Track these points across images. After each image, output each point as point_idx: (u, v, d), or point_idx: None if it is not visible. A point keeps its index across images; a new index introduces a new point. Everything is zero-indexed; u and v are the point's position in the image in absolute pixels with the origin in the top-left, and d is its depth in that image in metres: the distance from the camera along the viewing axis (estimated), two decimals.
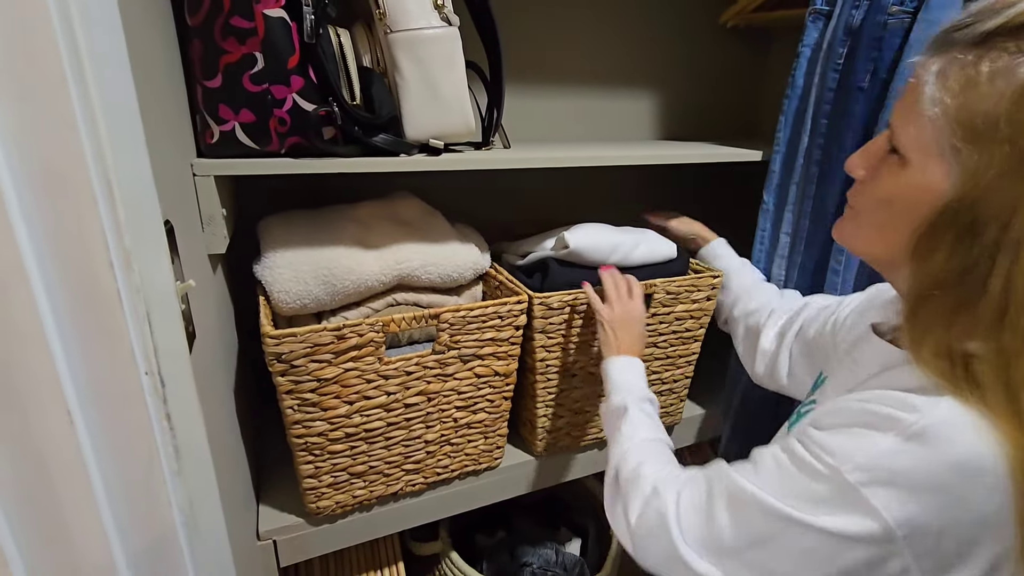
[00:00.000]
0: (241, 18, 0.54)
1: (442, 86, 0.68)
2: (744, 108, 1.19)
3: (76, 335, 0.30)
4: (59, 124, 0.27)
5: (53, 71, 0.27)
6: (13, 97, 0.26)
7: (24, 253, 0.28)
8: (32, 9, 0.26)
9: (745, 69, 1.16)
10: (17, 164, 0.27)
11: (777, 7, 1.02)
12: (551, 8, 0.95)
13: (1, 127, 0.26)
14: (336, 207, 0.80)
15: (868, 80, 0.66)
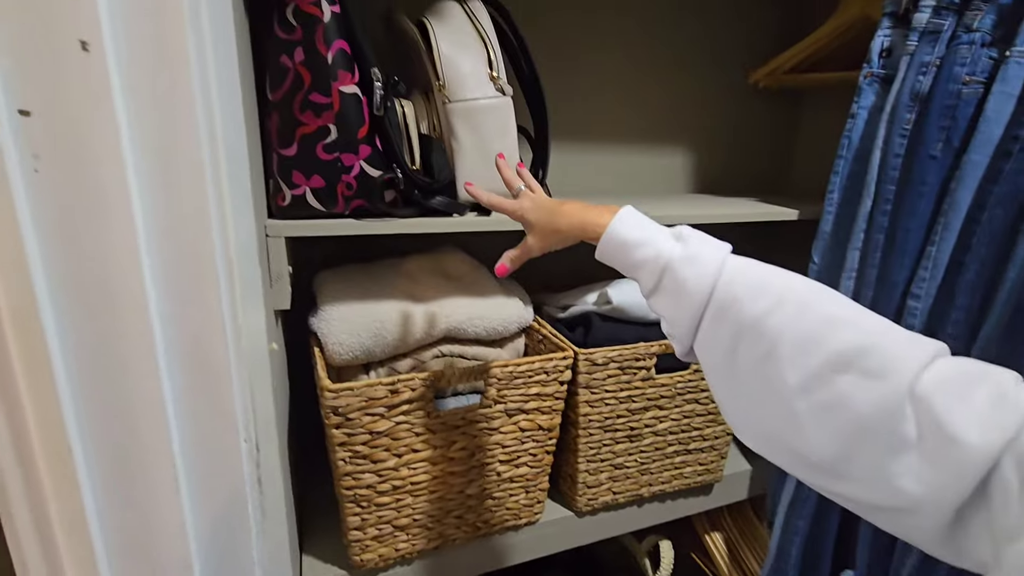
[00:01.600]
0: (319, 94, 0.58)
1: (495, 151, 0.71)
2: (774, 164, 1.21)
3: (188, 406, 0.32)
4: (198, 222, 0.30)
5: (196, 159, 0.30)
6: (160, 188, 0.29)
7: (156, 338, 0.30)
8: (185, 116, 0.29)
9: (775, 127, 1.19)
10: (157, 258, 0.30)
11: (810, 70, 1.05)
12: (586, 66, 1.00)
13: (151, 226, 0.29)
14: (386, 261, 0.83)
15: (940, 149, 0.66)
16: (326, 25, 0.56)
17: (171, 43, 0.28)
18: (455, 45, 0.70)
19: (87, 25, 0.25)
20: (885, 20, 0.73)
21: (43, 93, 0.26)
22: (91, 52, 0.26)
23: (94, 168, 0.27)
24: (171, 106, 0.28)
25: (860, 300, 0.76)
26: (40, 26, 0.25)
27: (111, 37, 0.26)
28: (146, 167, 0.28)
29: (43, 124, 0.26)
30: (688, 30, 1.05)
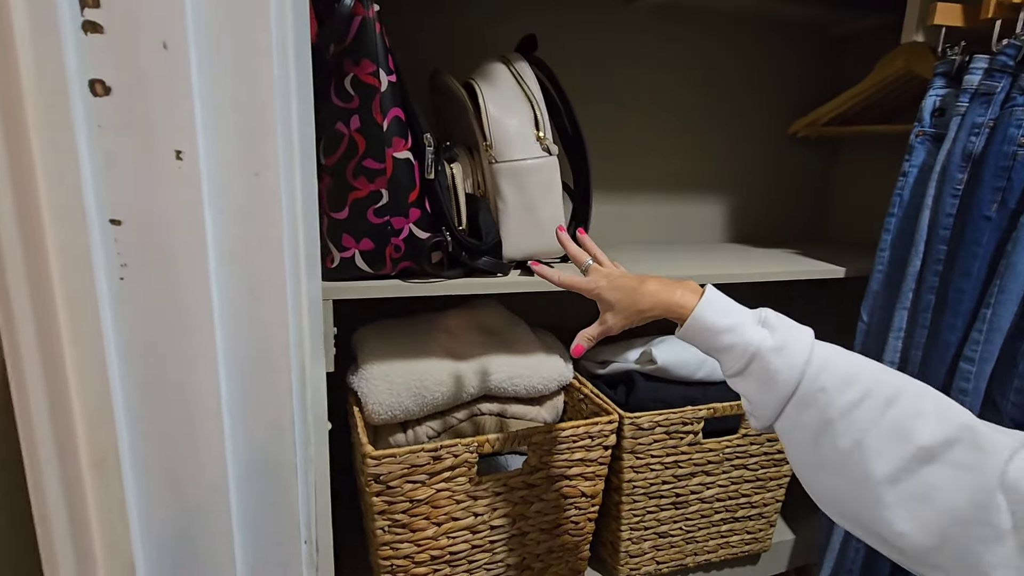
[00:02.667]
0: (373, 160, 0.59)
1: (541, 210, 0.71)
2: (811, 214, 1.20)
3: (253, 509, 0.31)
4: (276, 337, 0.29)
5: (278, 272, 0.29)
6: (241, 296, 0.29)
7: (226, 437, 0.29)
8: (272, 229, 0.28)
9: (813, 177, 1.17)
10: (235, 369, 0.29)
11: (848, 123, 1.05)
12: (626, 117, 1.00)
13: (228, 334, 0.28)
14: (425, 316, 0.82)
15: (995, 210, 0.65)
16: (383, 94, 0.57)
17: (261, 146, 0.27)
18: (502, 106, 0.70)
19: (183, 135, 0.25)
20: (937, 80, 0.73)
21: (135, 201, 0.25)
22: (184, 160, 0.25)
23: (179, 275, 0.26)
24: (260, 213, 0.27)
25: (909, 362, 0.73)
26: (138, 136, 0.24)
27: (204, 145, 0.26)
28: (227, 274, 0.28)
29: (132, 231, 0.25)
30: (725, 81, 1.06)
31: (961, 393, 0.68)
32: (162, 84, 0.24)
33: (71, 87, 0.23)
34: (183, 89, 0.25)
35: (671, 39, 1.00)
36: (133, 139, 0.25)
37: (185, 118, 0.25)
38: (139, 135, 0.25)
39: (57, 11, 0.23)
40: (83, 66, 0.24)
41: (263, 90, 0.26)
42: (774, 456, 0.82)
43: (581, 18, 0.94)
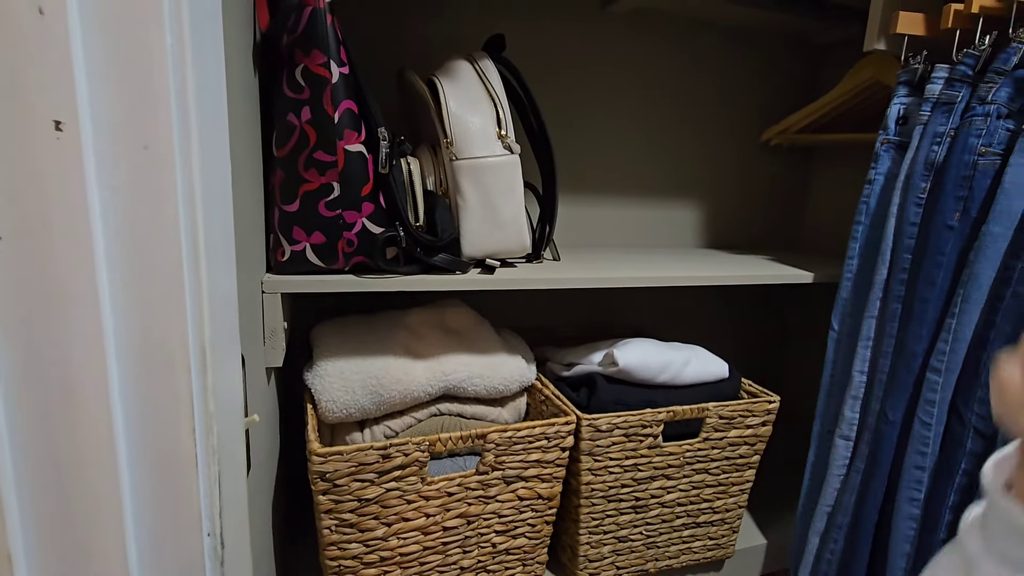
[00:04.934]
0: (324, 152, 0.58)
1: (501, 209, 0.70)
2: (785, 220, 1.20)
3: (148, 500, 0.30)
4: (170, 303, 0.28)
5: (172, 236, 0.28)
6: (131, 271, 0.28)
7: (116, 424, 0.28)
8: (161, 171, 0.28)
9: (786, 183, 1.18)
10: (124, 343, 0.28)
11: (821, 130, 1.05)
12: (596, 121, 1.00)
13: (118, 307, 0.27)
14: (388, 313, 0.81)
15: (957, 219, 0.65)
16: (334, 86, 0.56)
17: (150, 119, 0.26)
18: (464, 103, 0.70)
19: (62, 105, 0.24)
20: (901, 88, 0.73)
21: (11, 173, 0.24)
22: (64, 131, 0.25)
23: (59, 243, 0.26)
24: (150, 189, 0.27)
25: (878, 371, 0.73)
26: (12, 105, 0.24)
27: (85, 115, 0.25)
28: (115, 251, 0.27)
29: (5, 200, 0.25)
30: (700, 87, 1.06)
31: (928, 404, 0.67)
32: (38, 52, 0.24)
33: None
34: (61, 57, 0.24)
35: (646, 45, 1.00)
36: (7, 110, 0.24)
37: (64, 88, 0.24)
38: (14, 106, 0.24)
39: None
40: None
41: (152, 58, 0.25)
42: (736, 461, 0.81)
43: (555, 21, 0.94)
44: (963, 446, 0.65)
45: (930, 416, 0.67)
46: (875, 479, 0.72)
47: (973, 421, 0.65)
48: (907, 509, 0.68)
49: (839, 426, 0.76)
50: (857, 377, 0.74)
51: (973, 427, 0.65)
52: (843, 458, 0.76)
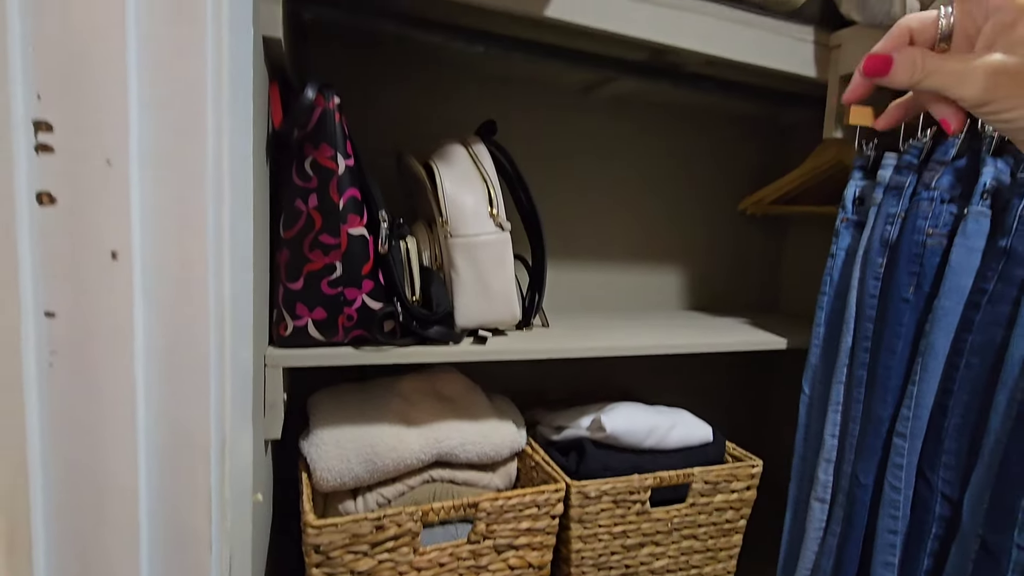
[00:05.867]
0: (329, 235, 0.62)
1: (493, 283, 0.75)
2: (763, 284, 1.26)
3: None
4: (196, 404, 0.31)
5: (202, 371, 0.31)
6: (166, 383, 0.31)
7: (141, 513, 0.30)
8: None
9: (765, 250, 1.24)
10: (152, 446, 0.31)
11: (792, 202, 1.12)
12: (586, 194, 1.07)
13: (151, 423, 0.30)
14: (382, 380, 0.84)
15: (912, 292, 0.70)
16: (340, 176, 0.62)
17: (191, 247, 0.30)
18: (458, 184, 0.76)
19: (119, 237, 0.28)
20: (856, 172, 0.80)
21: (70, 296, 0.28)
22: (119, 260, 0.28)
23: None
24: (186, 304, 0.30)
25: (848, 435, 0.76)
26: (77, 238, 0.28)
27: (138, 245, 0.29)
28: (152, 361, 0.30)
29: (66, 325, 0.28)
30: (679, 160, 1.14)
31: (896, 468, 0.71)
32: (103, 194, 0.28)
33: (19, 199, 0.27)
34: (122, 199, 0.28)
35: (626, 125, 1.08)
36: (72, 241, 0.28)
37: (122, 223, 0.28)
38: (78, 237, 0.28)
39: (13, 138, 0.26)
40: (32, 181, 0.27)
41: (196, 199, 0.30)
42: (722, 526, 0.83)
43: (543, 104, 1.02)
44: (931, 511, 0.67)
45: (899, 480, 0.70)
46: (851, 543, 0.74)
47: (940, 486, 0.68)
48: (882, 574, 0.70)
49: (814, 489, 0.79)
50: (829, 440, 0.77)
51: (940, 492, 0.68)
52: (819, 521, 0.78)
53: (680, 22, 0.72)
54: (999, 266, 0.64)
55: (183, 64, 0.31)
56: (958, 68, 0.32)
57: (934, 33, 0.34)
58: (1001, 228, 0.64)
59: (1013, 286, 0.63)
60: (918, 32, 0.35)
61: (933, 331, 0.68)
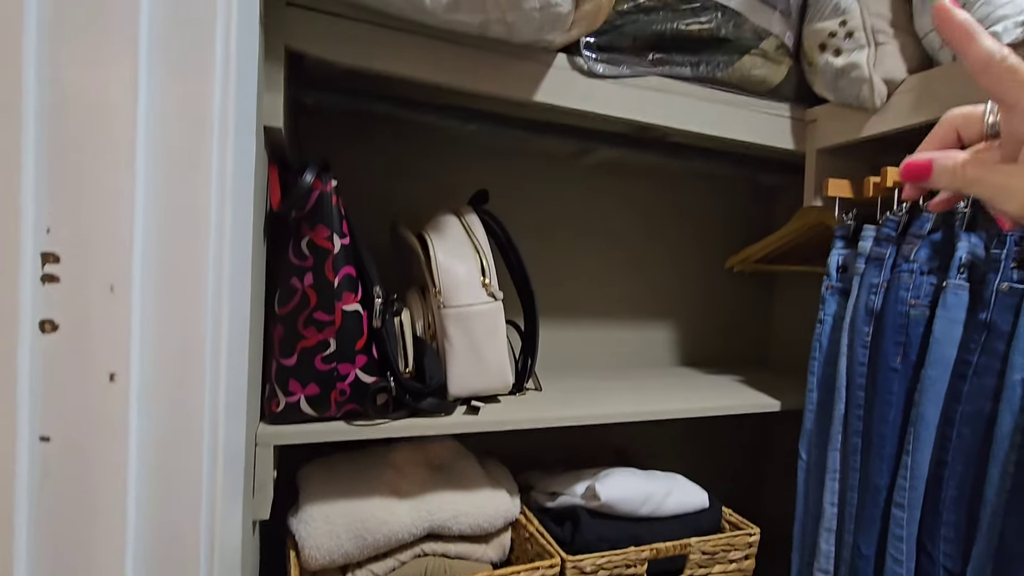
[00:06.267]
0: (323, 313, 0.63)
1: (485, 352, 0.75)
2: (755, 338, 1.27)
3: None
4: (187, 517, 0.31)
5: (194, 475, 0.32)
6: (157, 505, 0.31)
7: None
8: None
9: (754, 306, 1.26)
10: (143, 545, 0.30)
11: (779, 259, 1.15)
12: (574, 248, 1.09)
13: (140, 542, 0.30)
14: (374, 449, 0.83)
15: (899, 361, 0.71)
16: (335, 255, 0.63)
17: (189, 373, 0.31)
18: (451, 255, 0.77)
19: (118, 360, 0.29)
20: (838, 241, 0.82)
21: (66, 420, 0.28)
22: (116, 382, 0.29)
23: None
24: (182, 425, 0.31)
25: (846, 504, 0.76)
26: (78, 359, 0.28)
27: (136, 367, 0.29)
28: (144, 474, 0.30)
29: (60, 448, 0.28)
30: (668, 220, 1.17)
31: (897, 539, 0.70)
32: (105, 319, 0.29)
33: (22, 328, 0.27)
34: (123, 323, 0.29)
35: (614, 187, 1.11)
36: (71, 366, 0.28)
37: (121, 346, 0.29)
38: (77, 362, 0.28)
39: (21, 271, 0.27)
40: (37, 310, 0.28)
41: (194, 323, 0.30)
42: None
43: (533, 170, 1.05)
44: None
45: (900, 552, 0.69)
46: None
47: (942, 560, 0.67)
48: None
49: (816, 559, 0.77)
50: (828, 509, 0.76)
51: (943, 565, 0.67)
52: None
53: (664, 103, 0.75)
54: (981, 339, 0.65)
55: (189, 185, 0.32)
56: (1001, 182, 0.30)
57: (981, 128, 0.33)
58: (980, 301, 0.66)
59: (996, 358, 0.64)
60: (964, 127, 0.34)
61: (923, 401, 0.69)
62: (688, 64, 0.75)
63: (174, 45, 0.35)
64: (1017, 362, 0.62)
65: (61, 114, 0.30)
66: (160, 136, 0.32)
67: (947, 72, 0.69)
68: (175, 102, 0.34)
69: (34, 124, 0.29)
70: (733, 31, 0.74)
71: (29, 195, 0.28)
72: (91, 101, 0.30)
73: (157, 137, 0.32)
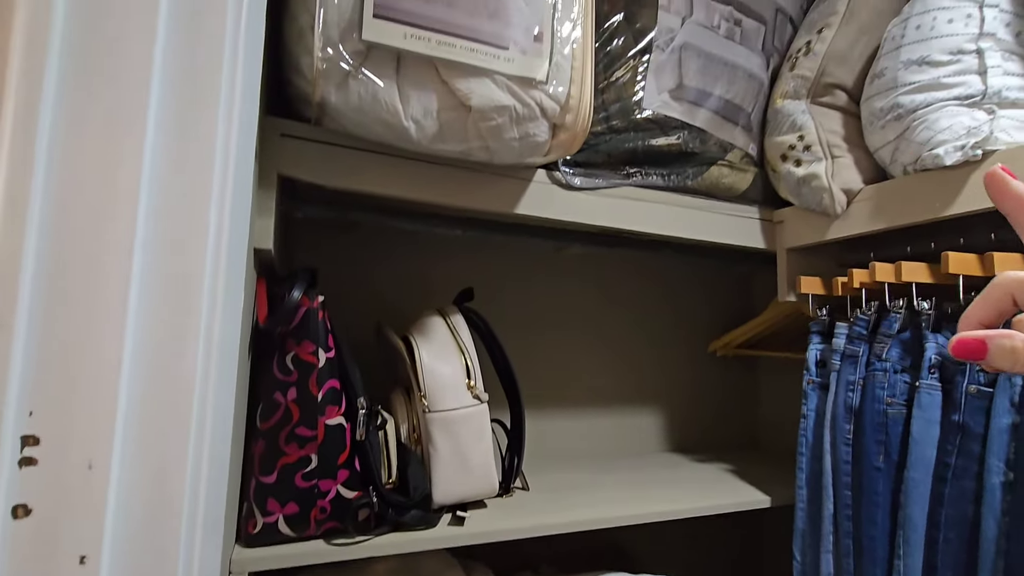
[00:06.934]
0: (306, 428, 0.63)
1: (471, 456, 0.75)
2: (743, 421, 1.27)
3: None
4: None
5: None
6: None
7: None
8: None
9: (740, 390, 1.27)
10: None
11: (759, 345, 1.17)
12: (559, 336, 1.10)
13: None
14: (356, 563, 0.79)
15: (882, 461, 0.71)
16: (320, 369, 0.63)
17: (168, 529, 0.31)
18: (436, 357, 0.78)
19: (91, 541, 0.28)
20: (814, 336, 0.85)
21: None
22: (87, 564, 0.28)
23: None
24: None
25: None
26: (48, 546, 0.28)
27: (108, 549, 0.29)
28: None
29: None
30: (651, 307, 1.19)
31: None
32: (80, 501, 0.29)
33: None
34: (98, 503, 0.29)
35: (596, 277, 1.14)
36: (41, 552, 0.28)
37: (95, 528, 0.29)
38: (49, 546, 0.28)
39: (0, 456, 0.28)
40: (11, 495, 0.28)
41: (174, 499, 0.30)
42: None
43: (517, 263, 1.08)
44: None
45: None
46: None
47: None
48: None
49: None
50: None
51: None
52: None
53: (639, 211, 0.79)
54: (957, 440, 0.66)
55: (175, 357, 0.33)
56: None
57: None
58: (952, 402, 0.68)
59: (973, 460, 0.65)
60: (1020, 292, 0.30)
61: (908, 503, 0.68)
62: (660, 175, 0.80)
63: (172, 209, 0.37)
64: (993, 465, 0.63)
65: (57, 275, 0.31)
66: (151, 303, 0.34)
67: (900, 185, 0.74)
68: (168, 267, 0.35)
69: (30, 291, 0.30)
70: (699, 146, 0.79)
71: (15, 380, 0.28)
72: (88, 257, 0.32)
73: (148, 306, 0.33)
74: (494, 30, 0.56)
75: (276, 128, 0.62)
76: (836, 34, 0.78)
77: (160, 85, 0.38)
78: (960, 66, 0.66)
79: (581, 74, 0.62)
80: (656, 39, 0.76)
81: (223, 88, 0.42)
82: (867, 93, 0.76)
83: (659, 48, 0.76)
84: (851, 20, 0.78)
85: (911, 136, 0.69)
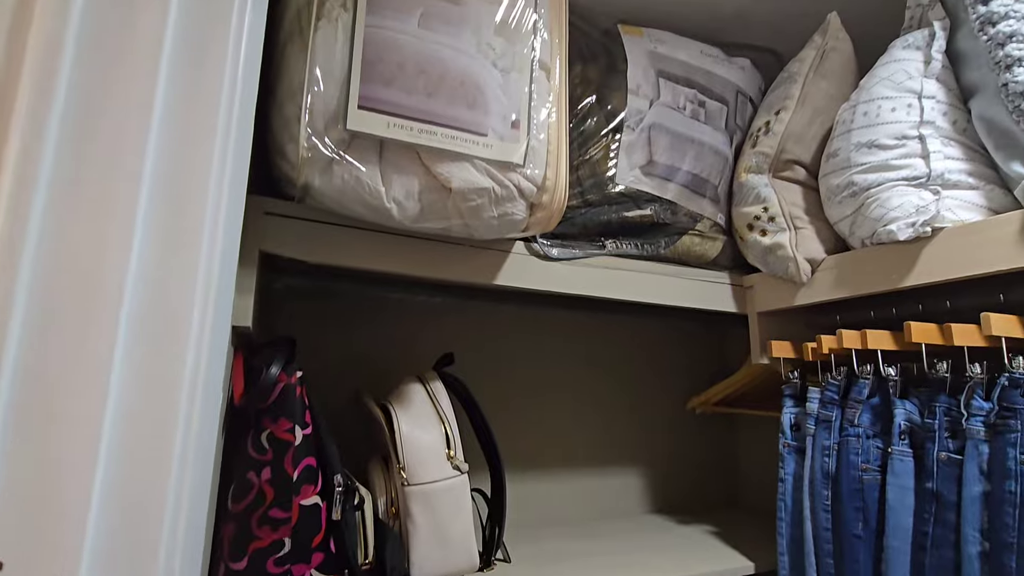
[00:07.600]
0: (280, 510, 0.61)
1: (451, 530, 0.73)
2: (723, 478, 1.27)
3: None
4: None
5: None
6: None
7: None
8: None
9: (720, 446, 1.27)
10: None
11: (735, 403, 1.19)
12: (543, 406, 1.10)
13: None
14: None
15: (862, 528, 0.71)
16: (296, 447, 0.62)
17: None
18: (415, 427, 0.77)
19: None
20: (787, 400, 0.86)
21: None
22: None
23: None
24: None
25: None
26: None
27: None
28: None
29: None
30: (630, 363, 1.20)
31: None
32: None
33: None
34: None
35: (577, 340, 1.16)
36: None
37: None
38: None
39: None
40: None
41: None
42: None
43: (496, 325, 1.09)
44: None
45: None
46: None
47: None
48: None
49: None
50: None
51: None
52: None
53: (614, 279, 0.82)
54: (932, 509, 0.67)
55: (151, 451, 0.33)
56: None
57: None
58: (924, 469, 0.69)
59: (949, 530, 0.65)
60: None
61: (890, 571, 0.68)
62: (634, 245, 0.83)
63: (159, 288, 0.37)
64: (969, 535, 0.63)
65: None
66: (132, 388, 0.34)
67: (860, 256, 0.78)
68: (152, 347, 0.35)
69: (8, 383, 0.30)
70: (671, 217, 0.83)
71: None
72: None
73: (128, 392, 0.33)
74: (473, 119, 0.59)
75: (259, 206, 0.63)
76: (792, 116, 0.84)
77: (151, 179, 0.39)
78: (905, 150, 0.71)
79: (556, 156, 0.65)
80: (627, 119, 0.80)
81: (214, 168, 0.43)
82: (824, 170, 0.81)
83: (629, 128, 0.81)
84: (805, 103, 0.84)
85: (866, 212, 0.74)
